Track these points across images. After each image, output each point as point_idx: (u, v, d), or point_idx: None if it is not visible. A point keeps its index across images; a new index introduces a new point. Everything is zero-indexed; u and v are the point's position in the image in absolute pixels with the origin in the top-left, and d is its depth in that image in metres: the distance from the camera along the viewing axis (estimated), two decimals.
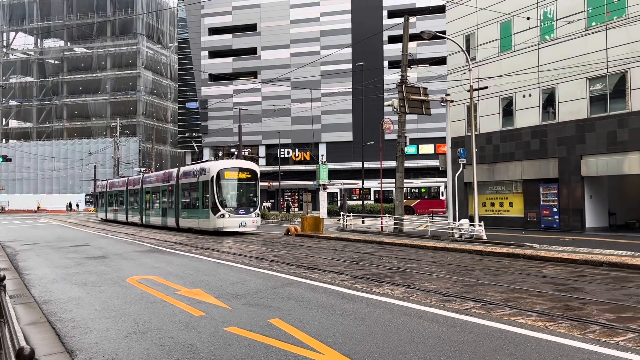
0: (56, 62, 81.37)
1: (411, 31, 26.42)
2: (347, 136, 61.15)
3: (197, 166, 25.36)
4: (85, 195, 73.11)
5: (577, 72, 21.32)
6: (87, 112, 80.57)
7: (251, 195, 24.44)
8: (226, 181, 23.69)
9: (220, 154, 63.31)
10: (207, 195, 23.57)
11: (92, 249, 16.85)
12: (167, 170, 29.99)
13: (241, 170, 24.08)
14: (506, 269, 11.51)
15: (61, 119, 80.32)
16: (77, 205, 71.97)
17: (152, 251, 16.04)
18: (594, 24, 21.12)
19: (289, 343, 5.47)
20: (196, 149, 68.37)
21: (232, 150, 52.73)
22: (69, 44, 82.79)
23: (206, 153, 66.75)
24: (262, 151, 64.74)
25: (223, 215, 23.13)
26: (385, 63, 60.79)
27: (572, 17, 21.33)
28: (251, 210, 23.98)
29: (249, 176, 24.19)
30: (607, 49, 20.53)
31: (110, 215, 39.50)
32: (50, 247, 17.73)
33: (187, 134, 68.94)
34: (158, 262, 13.04)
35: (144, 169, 61.79)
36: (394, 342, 5.47)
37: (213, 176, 23.33)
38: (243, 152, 41.67)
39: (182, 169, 27.34)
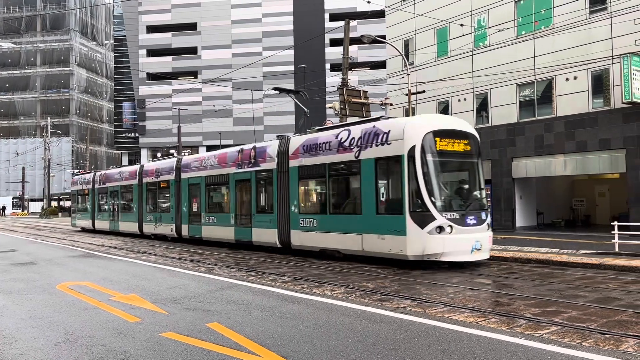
0: None
1: (352, 35, 26.82)
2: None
3: (359, 129, 12.85)
4: (13, 199, 69.23)
5: (508, 78, 22.36)
6: (14, 111, 76.39)
7: (476, 186, 12.62)
8: (440, 158, 11.82)
9: (159, 155, 61.74)
10: (400, 185, 11.69)
11: (20, 255, 15.97)
12: (255, 146, 16.73)
13: (459, 135, 12.26)
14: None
15: None
16: (4, 209, 68.06)
17: (86, 256, 15.41)
18: (523, 32, 22.22)
19: (227, 347, 5.41)
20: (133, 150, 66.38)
21: (172, 151, 51.56)
22: None
23: (144, 154, 64.89)
24: (202, 152, 63.70)
25: (441, 229, 11.18)
26: (327, 66, 61.36)
27: (503, 25, 22.35)
28: (482, 215, 12.03)
29: (469, 149, 12.39)
30: (535, 57, 21.65)
31: (103, 224, 27.23)
32: None
33: (125, 134, 66.74)
34: (92, 268, 12.55)
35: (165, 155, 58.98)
36: (332, 342, 5.53)
37: (414, 146, 11.45)
38: (183, 153, 40.81)
39: (308, 137, 14.56)
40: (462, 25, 23.71)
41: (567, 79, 20.62)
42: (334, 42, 60.20)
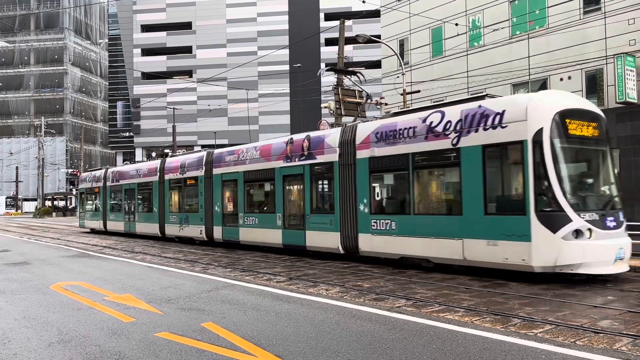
0: None
1: (347, 34, 26.83)
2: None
3: (456, 110, 10.60)
4: (6, 198, 68.87)
5: (502, 78, 22.43)
6: (7, 110, 75.99)
7: (610, 179, 10.41)
8: (572, 145, 9.78)
9: (154, 154, 61.59)
10: (520, 179, 9.52)
11: (13, 255, 15.89)
12: (310, 135, 14.31)
13: (589, 117, 10.01)
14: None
15: None
16: None
17: (80, 256, 15.35)
18: (518, 32, 22.30)
19: (222, 346, 5.40)
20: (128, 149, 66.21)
21: (166, 151, 51.47)
22: None
23: (138, 153, 64.70)
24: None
25: (579, 233, 8.98)
26: (322, 65, 61.35)
27: (498, 25, 22.43)
28: (620, 216, 9.81)
29: (599, 134, 10.13)
30: (529, 56, 21.73)
31: (117, 224, 24.80)
32: None
33: (119, 134, 66.53)
34: (86, 267, 12.50)
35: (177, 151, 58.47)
36: (327, 342, 5.53)
37: (541, 129, 9.27)
38: (178, 153, 40.70)
39: (383, 123, 12.19)
40: (457, 25, 23.78)
41: (561, 79, 20.70)
42: (329, 42, 60.20)
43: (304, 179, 14.10)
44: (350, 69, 20.24)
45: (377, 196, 12.66)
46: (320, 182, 14.05)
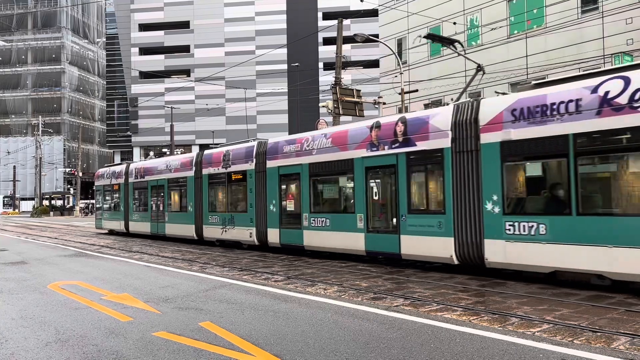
0: None
1: (345, 33, 26.82)
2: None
3: None
4: (4, 198, 68.73)
5: (500, 77, 22.45)
6: (5, 109, 75.84)
7: None
8: None
9: (152, 153, 61.58)
10: None
11: (11, 254, 15.85)
12: (406, 117, 11.92)
13: None
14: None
15: None
16: None
17: (78, 255, 15.32)
18: (515, 32, 22.32)
19: (220, 346, 5.40)
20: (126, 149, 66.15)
21: (164, 150, 51.39)
22: None
23: (136, 152, 64.64)
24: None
25: None
26: (320, 64, 61.36)
27: (496, 24, 22.44)
28: None
29: None
30: (527, 56, 21.76)
31: (142, 225, 22.25)
32: None
33: (117, 133, 66.44)
34: (83, 267, 12.48)
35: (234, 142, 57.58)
36: (325, 341, 5.53)
37: None
38: (176, 152, 40.69)
39: (522, 96, 9.62)
40: (455, 24, 23.80)
41: None
42: (327, 41, 60.20)
43: (397, 170, 11.49)
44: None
45: (514, 191, 9.82)
46: (421, 174, 11.44)
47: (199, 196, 18.31)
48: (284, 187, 14.78)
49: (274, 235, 14.92)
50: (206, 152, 18.48)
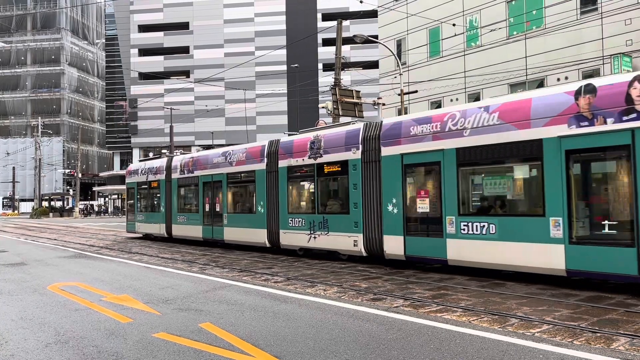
0: None
1: (345, 34, 26.85)
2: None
3: None
4: (3, 199, 68.69)
5: (499, 78, 22.47)
6: (4, 110, 75.86)
7: None
8: None
9: (151, 154, 61.58)
10: None
11: (10, 255, 15.85)
12: None
13: None
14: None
15: None
16: None
17: (77, 256, 15.31)
18: (515, 33, 22.35)
19: (220, 347, 5.40)
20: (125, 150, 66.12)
21: (164, 150, 51.37)
22: None
23: (135, 154, 64.63)
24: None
25: None
26: (320, 65, 61.37)
27: (495, 25, 22.47)
28: None
29: None
30: (526, 57, 21.78)
31: (191, 229, 18.97)
32: None
33: (117, 134, 66.43)
34: (83, 268, 12.47)
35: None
36: (325, 342, 5.53)
37: None
38: (176, 153, 40.61)
39: None
40: (454, 25, 23.82)
41: (558, 79, 20.74)
42: (327, 42, 60.23)
43: (633, 153, 7.89)
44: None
45: None
46: None
47: (273, 194, 15.06)
48: (410, 180, 11.47)
49: (394, 245, 11.55)
50: (283, 139, 15.30)
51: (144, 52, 65.94)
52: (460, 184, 10.34)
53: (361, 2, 23.09)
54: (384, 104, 22.43)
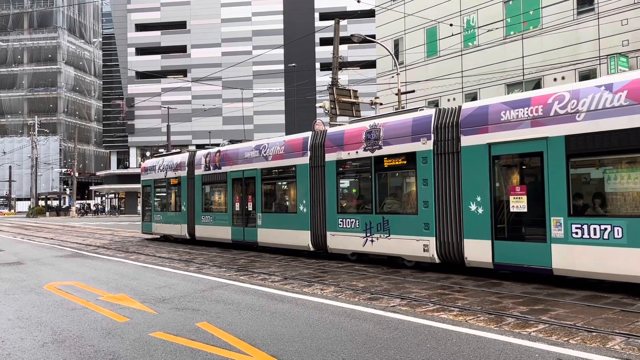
0: None
1: (342, 34, 26.84)
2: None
3: None
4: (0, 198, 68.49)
5: (496, 78, 22.51)
6: (1, 109, 75.66)
7: None
8: None
9: (148, 154, 61.45)
10: None
11: (7, 255, 15.81)
12: None
13: None
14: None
15: None
16: None
17: (74, 255, 15.28)
18: (512, 33, 22.39)
19: (216, 346, 5.40)
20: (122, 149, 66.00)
21: (161, 150, 51.31)
22: None
23: (132, 153, 64.51)
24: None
25: None
26: (317, 65, 61.34)
27: (492, 25, 22.51)
28: None
29: None
30: (523, 57, 21.82)
31: (218, 230, 17.28)
32: None
33: (113, 133, 66.30)
34: (80, 267, 12.45)
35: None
36: (322, 341, 5.54)
37: None
38: (181, 150, 40.52)
39: None
40: (451, 25, 23.84)
41: (555, 79, 20.80)
42: (324, 42, 60.21)
43: None
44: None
45: None
46: None
47: (318, 191, 13.43)
48: (501, 175, 9.71)
49: (478, 250, 9.80)
50: (330, 130, 13.66)
51: (141, 51, 65.82)
52: (571, 179, 8.53)
53: (359, 1, 23.09)
54: (381, 104, 22.46)
